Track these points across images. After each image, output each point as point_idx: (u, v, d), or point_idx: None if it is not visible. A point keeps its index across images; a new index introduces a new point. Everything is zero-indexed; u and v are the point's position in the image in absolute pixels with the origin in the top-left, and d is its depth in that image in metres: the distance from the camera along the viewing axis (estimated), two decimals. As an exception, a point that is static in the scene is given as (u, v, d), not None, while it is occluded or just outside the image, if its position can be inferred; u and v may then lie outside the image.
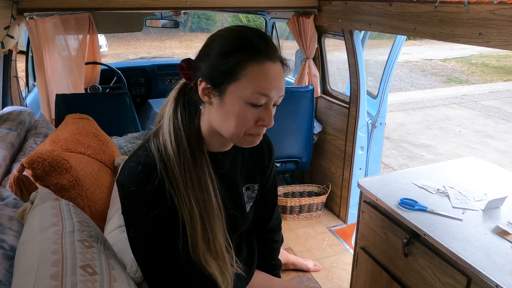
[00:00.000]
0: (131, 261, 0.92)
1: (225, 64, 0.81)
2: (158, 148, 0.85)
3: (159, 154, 0.85)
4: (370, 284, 1.56)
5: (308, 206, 2.66)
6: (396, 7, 1.81)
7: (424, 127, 5.90)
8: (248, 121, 0.83)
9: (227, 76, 0.81)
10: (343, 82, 2.97)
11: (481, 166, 1.72)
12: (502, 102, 7.36)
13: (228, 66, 0.81)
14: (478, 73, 9.89)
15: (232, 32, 0.85)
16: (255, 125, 0.84)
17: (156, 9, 2.28)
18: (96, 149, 1.48)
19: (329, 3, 2.38)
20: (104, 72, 3.04)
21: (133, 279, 0.91)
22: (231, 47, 0.82)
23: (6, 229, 0.91)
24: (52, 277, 0.69)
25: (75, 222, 0.89)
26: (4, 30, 1.71)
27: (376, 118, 2.53)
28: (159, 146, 0.86)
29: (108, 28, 2.82)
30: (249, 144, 0.88)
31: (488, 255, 1.13)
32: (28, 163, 1.18)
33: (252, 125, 0.84)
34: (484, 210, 1.36)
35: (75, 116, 1.67)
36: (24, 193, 1.17)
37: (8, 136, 1.54)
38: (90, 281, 0.72)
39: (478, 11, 1.39)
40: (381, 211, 1.45)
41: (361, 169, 2.60)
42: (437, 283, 1.22)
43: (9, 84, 2.18)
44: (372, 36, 2.62)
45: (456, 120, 6.26)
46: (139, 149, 0.90)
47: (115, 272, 0.81)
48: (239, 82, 0.81)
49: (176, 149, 0.84)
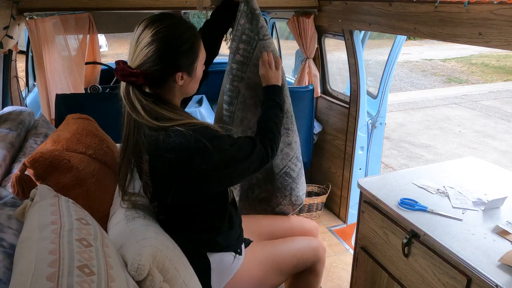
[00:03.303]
0: (132, 258, 0.92)
1: (194, 53, 1.10)
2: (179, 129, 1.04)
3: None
4: (370, 284, 1.56)
5: (308, 206, 2.66)
6: (396, 7, 1.81)
7: (424, 127, 5.90)
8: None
9: (195, 60, 1.11)
10: (343, 82, 2.97)
11: (481, 166, 1.72)
12: (502, 102, 7.36)
13: (195, 52, 1.10)
14: (478, 73, 9.89)
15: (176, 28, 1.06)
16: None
17: (156, 9, 2.28)
18: (97, 149, 1.48)
19: (329, 3, 2.38)
20: (104, 72, 3.04)
21: (134, 277, 0.91)
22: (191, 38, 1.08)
23: (5, 227, 0.91)
24: (48, 278, 0.69)
25: (74, 220, 0.89)
26: (4, 30, 1.71)
27: (376, 118, 2.53)
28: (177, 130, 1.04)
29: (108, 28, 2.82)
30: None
31: (488, 255, 1.13)
32: (30, 162, 1.19)
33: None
34: (484, 210, 1.36)
35: (75, 116, 1.67)
36: (26, 192, 1.17)
37: (8, 136, 1.54)
38: (87, 282, 0.72)
39: (478, 11, 1.39)
40: (381, 211, 1.45)
41: (361, 169, 2.60)
42: (437, 283, 1.22)
43: (9, 84, 2.18)
44: (372, 36, 2.62)
45: (456, 120, 6.26)
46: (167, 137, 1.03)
47: (113, 271, 0.81)
48: (199, 57, 1.12)
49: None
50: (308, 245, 1.45)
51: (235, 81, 1.60)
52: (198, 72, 1.15)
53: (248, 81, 1.60)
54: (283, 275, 1.38)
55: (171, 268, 0.99)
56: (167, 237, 1.11)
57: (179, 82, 1.09)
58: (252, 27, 1.55)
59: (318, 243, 1.48)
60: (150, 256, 0.93)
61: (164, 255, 0.98)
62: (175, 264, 1.01)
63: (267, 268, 1.33)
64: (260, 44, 1.56)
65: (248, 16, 1.56)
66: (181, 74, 1.08)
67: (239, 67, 1.59)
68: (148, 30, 1.03)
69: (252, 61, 1.58)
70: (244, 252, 1.30)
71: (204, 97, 3.20)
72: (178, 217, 1.20)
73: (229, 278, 1.24)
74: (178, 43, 1.05)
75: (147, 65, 1.03)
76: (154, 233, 1.05)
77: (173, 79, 1.08)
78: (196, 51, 1.11)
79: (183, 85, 1.11)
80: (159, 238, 1.04)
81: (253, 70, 1.58)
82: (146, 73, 1.03)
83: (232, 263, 1.24)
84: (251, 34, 1.56)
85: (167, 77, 1.07)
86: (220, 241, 1.23)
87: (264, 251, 1.36)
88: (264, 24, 1.59)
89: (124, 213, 1.16)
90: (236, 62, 1.59)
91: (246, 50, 1.57)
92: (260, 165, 1.20)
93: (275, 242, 1.42)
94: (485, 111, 6.79)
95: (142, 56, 1.03)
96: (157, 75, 1.05)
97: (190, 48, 1.08)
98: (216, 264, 1.22)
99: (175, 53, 1.05)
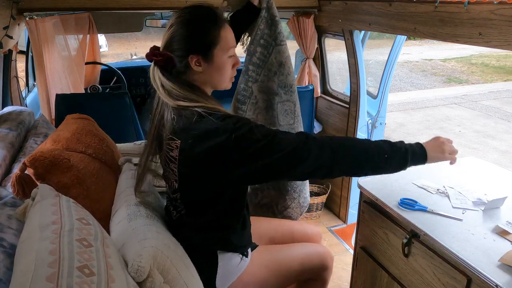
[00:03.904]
0: (132, 259, 0.92)
1: (208, 37, 1.10)
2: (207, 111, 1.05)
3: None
4: (370, 284, 1.56)
5: (308, 206, 2.66)
6: (396, 7, 1.81)
7: (424, 127, 5.90)
8: (230, 68, 1.17)
9: (211, 45, 1.10)
10: (343, 82, 2.97)
11: (481, 166, 1.72)
12: (502, 102, 7.36)
13: (210, 37, 1.10)
14: (478, 73, 9.89)
15: (196, 13, 1.11)
16: (232, 70, 1.18)
17: (156, 9, 2.29)
18: (96, 148, 1.48)
19: (329, 3, 2.38)
20: (104, 72, 3.04)
21: (134, 278, 0.91)
22: (206, 23, 1.10)
23: (5, 227, 0.91)
24: (48, 279, 0.69)
25: (74, 220, 0.89)
26: (3, 30, 1.71)
27: (376, 118, 2.53)
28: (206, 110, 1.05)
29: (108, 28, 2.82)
30: (230, 85, 1.21)
31: (488, 255, 1.13)
32: (30, 162, 1.19)
33: (231, 70, 1.18)
34: (484, 210, 1.36)
35: (75, 116, 1.67)
36: (26, 192, 1.18)
37: (8, 136, 1.54)
38: (87, 283, 0.72)
39: (478, 11, 1.39)
40: (381, 211, 1.45)
41: (361, 169, 2.60)
42: (437, 283, 1.22)
43: (9, 84, 2.18)
44: (372, 36, 2.62)
45: (456, 120, 6.26)
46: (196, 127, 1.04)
47: (113, 271, 0.81)
48: (219, 45, 1.11)
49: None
50: (316, 252, 1.42)
51: (249, 81, 1.70)
52: (220, 60, 1.12)
53: (261, 84, 1.70)
54: (288, 281, 1.37)
55: (172, 269, 0.99)
56: (169, 237, 1.11)
57: (194, 67, 1.10)
58: (270, 32, 1.68)
59: (326, 251, 1.45)
60: (150, 257, 0.93)
61: (165, 256, 0.98)
62: (176, 265, 1.01)
63: (272, 273, 1.31)
64: (276, 49, 1.68)
65: (268, 22, 1.68)
66: (196, 59, 1.10)
67: (254, 69, 1.69)
68: (174, 16, 1.13)
69: (267, 65, 1.69)
70: (250, 255, 1.30)
71: None
72: (197, 212, 1.19)
73: (234, 280, 1.24)
74: (193, 27, 1.10)
75: (167, 46, 1.11)
76: (155, 232, 1.05)
77: (186, 61, 1.10)
78: (213, 36, 1.11)
79: (204, 72, 1.12)
80: (161, 238, 1.04)
81: (266, 74, 1.69)
82: (166, 54, 1.10)
83: (238, 264, 1.24)
84: (269, 39, 1.69)
85: (181, 59, 1.10)
86: (234, 241, 1.23)
87: (270, 255, 1.35)
88: (281, 30, 1.72)
89: (126, 212, 1.16)
90: (252, 64, 1.69)
91: (262, 53, 1.68)
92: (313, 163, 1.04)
93: (282, 247, 1.41)
94: (485, 111, 6.79)
95: (165, 39, 1.12)
96: (172, 57, 1.10)
97: (205, 32, 1.10)
98: (223, 263, 1.22)
99: (188, 35, 1.10)
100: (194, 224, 1.20)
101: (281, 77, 1.75)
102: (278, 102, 1.77)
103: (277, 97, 1.75)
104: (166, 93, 1.09)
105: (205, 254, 1.20)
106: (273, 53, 1.69)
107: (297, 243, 1.47)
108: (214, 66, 1.13)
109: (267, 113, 1.73)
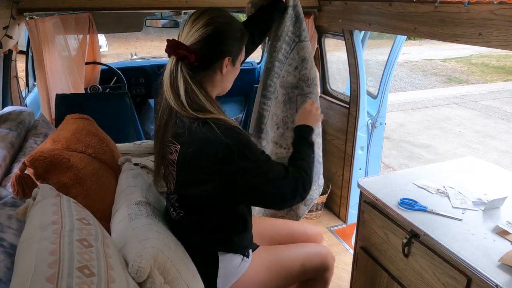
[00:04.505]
0: (133, 260, 0.92)
1: (241, 44, 1.16)
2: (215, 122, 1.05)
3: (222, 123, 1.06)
4: (370, 284, 1.56)
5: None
6: (396, 7, 1.81)
7: (424, 127, 5.90)
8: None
9: (241, 51, 1.16)
10: (343, 82, 2.96)
11: (481, 166, 1.72)
12: (502, 102, 7.36)
13: (241, 44, 1.16)
14: (478, 73, 9.89)
15: (230, 17, 1.13)
16: None
17: (156, 9, 2.28)
18: (96, 148, 1.48)
19: (329, 3, 2.38)
20: (104, 72, 3.04)
21: (134, 279, 0.91)
22: (239, 30, 1.14)
23: (5, 227, 0.91)
24: (48, 279, 0.69)
25: (75, 220, 0.89)
26: (3, 30, 1.71)
27: (376, 118, 2.53)
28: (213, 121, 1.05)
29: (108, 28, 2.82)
30: None
31: (488, 255, 1.13)
32: (29, 162, 1.19)
33: None
34: (484, 210, 1.36)
35: (75, 116, 1.67)
36: (26, 192, 1.18)
37: (8, 136, 1.54)
38: (86, 283, 0.72)
39: (478, 11, 1.39)
40: (381, 211, 1.45)
41: (361, 169, 2.60)
42: (437, 283, 1.22)
43: (9, 84, 2.18)
44: (372, 36, 2.62)
45: (456, 120, 6.26)
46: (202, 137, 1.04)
47: (113, 272, 0.81)
48: (242, 51, 1.18)
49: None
50: (317, 253, 1.42)
51: (274, 77, 1.78)
52: (238, 66, 1.18)
53: (282, 79, 1.82)
54: (289, 281, 1.36)
55: (172, 270, 0.99)
56: (169, 237, 1.11)
57: (224, 69, 1.11)
58: (294, 30, 1.79)
59: (327, 251, 1.45)
60: (151, 258, 0.93)
61: (165, 256, 0.98)
62: (176, 265, 1.01)
63: (273, 274, 1.31)
64: (299, 45, 1.77)
65: (292, 19, 1.76)
66: (228, 60, 1.11)
67: (278, 65, 1.78)
68: (205, 15, 1.08)
69: (288, 61, 1.78)
70: (251, 256, 1.30)
71: None
72: (196, 214, 1.19)
73: (235, 280, 1.24)
74: (232, 30, 1.11)
75: (201, 44, 1.06)
76: (156, 232, 1.05)
77: (221, 63, 1.10)
78: (243, 43, 1.17)
79: (225, 75, 1.13)
80: (161, 238, 1.04)
81: (287, 69, 1.82)
82: (198, 52, 1.05)
83: (239, 265, 1.24)
84: (293, 36, 1.81)
85: (216, 60, 1.10)
86: (235, 242, 1.23)
87: (271, 256, 1.35)
88: (305, 27, 1.80)
89: (126, 211, 1.16)
90: (278, 61, 1.79)
91: (286, 50, 1.80)
92: (292, 197, 1.16)
93: (283, 248, 1.40)
94: (485, 111, 6.79)
95: (197, 36, 1.06)
96: (208, 56, 1.08)
97: (241, 38, 1.15)
98: (224, 264, 1.21)
99: (229, 37, 1.10)
100: (193, 225, 1.20)
101: (303, 71, 1.83)
102: (298, 95, 1.85)
103: (297, 90, 1.84)
104: (187, 97, 1.03)
105: (205, 254, 1.20)
106: (295, 49, 1.78)
107: (298, 244, 1.46)
108: (234, 72, 1.18)
109: (284, 106, 1.84)
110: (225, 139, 1.00)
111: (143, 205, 1.20)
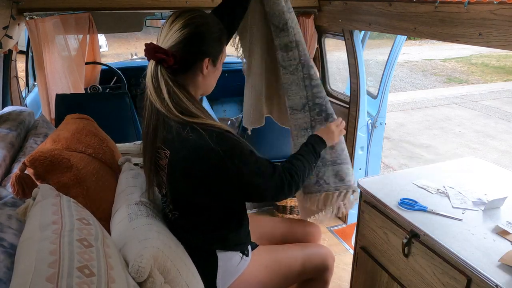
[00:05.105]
0: (133, 260, 0.92)
1: (221, 44, 1.15)
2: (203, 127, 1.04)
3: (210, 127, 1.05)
4: (370, 284, 1.56)
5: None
6: (396, 7, 1.80)
7: (424, 127, 5.90)
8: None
9: (221, 51, 1.16)
10: (343, 82, 2.96)
11: (481, 166, 1.72)
12: (502, 102, 7.36)
13: (221, 44, 1.15)
14: (478, 73, 9.88)
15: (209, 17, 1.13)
16: None
17: (156, 9, 2.28)
18: (96, 148, 1.48)
19: (329, 3, 2.38)
20: (104, 72, 3.04)
21: (134, 279, 0.91)
22: (218, 30, 1.13)
23: (5, 227, 0.91)
24: (48, 279, 0.69)
25: (75, 220, 0.89)
26: (3, 30, 1.71)
27: (376, 118, 2.53)
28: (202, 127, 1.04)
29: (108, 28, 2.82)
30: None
31: (488, 255, 1.13)
32: (30, 162, 1.19)
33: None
34: (484, 210, 1.36)
35: (74, 116, 1.67)
36: (26, 192, 1.18)
37: (8, 136, 1.54)
38: (87, 283, 0.72)
39: (478, 11, 1.39)
40: (381, 211, 1.45)
41: (361, 169, 2.60)
42: (437, 283, 1.22)
43: (9, 84, 2.18)
44: (372, 36, 2.62)
45: (456, 120, 6.26)
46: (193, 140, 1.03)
47: (114, 272, 0.81)
48: (223, 52, 1.17)
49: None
50: (317, 253, 1.43)
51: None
52: (219, 67, 1.18)
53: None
54: (289, 281, 1.37)
55: (172, 269, 0.99)
56: (169, 237, 1.11)
57: (204, 70, 1.10)
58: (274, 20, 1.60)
59: (327, 252, 1.46)
60: (151, 257, 0.93)
61: (166, 256, 0.98)
62: (176, 265, 1.01)
63: (273, 273, 1.32)
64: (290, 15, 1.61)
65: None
66: (208, 61, 1.10)
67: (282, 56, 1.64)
68: (182, 17, 1.07)
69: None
70: (251, 254, 1.30)
71: (204, 97, 3.21)
72: (191, 214, 1.20)
73: (234, 279, 1.24)
74: (210, 31, 1.10)
75: (179, 46, 1.05)
76: (156, 232, 1.05)
77: (200, 64, 1.10)
78: (223, 43, 1.16)
79: (206, 76, 1.12)
80: (161, 238, 1.04)
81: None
82: (176, 55, 1.04)
83: (238, 263, 1.24)
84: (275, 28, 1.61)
85: (195, 61, 1.09)
86: (231, 239, 1.23)
87: (271, 255, 1.35)
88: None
89: (126, 211, 1.16)
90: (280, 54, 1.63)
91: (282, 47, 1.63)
92: (275, 194, 1.19)
93: (283, 247, 1.41)
94: (485, 111, 6.79)
95: (174, 38, 1.05)
96: (186, 58, 1.07)
97: (219, 38, 1.14)
98: (223, 263, 1.22)
99: (207, 38, 1.09)
100: (189, 225, 1.21)
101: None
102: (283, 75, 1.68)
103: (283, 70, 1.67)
104: (171, 101, 1.03)
105: (204, 254, 1.20)
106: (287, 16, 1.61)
107: (298, 244, 1.47)
108: (215, 73, 1.17)
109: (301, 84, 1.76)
110: (215, 146, 1.01)
111: (143, 205, 1.20)
